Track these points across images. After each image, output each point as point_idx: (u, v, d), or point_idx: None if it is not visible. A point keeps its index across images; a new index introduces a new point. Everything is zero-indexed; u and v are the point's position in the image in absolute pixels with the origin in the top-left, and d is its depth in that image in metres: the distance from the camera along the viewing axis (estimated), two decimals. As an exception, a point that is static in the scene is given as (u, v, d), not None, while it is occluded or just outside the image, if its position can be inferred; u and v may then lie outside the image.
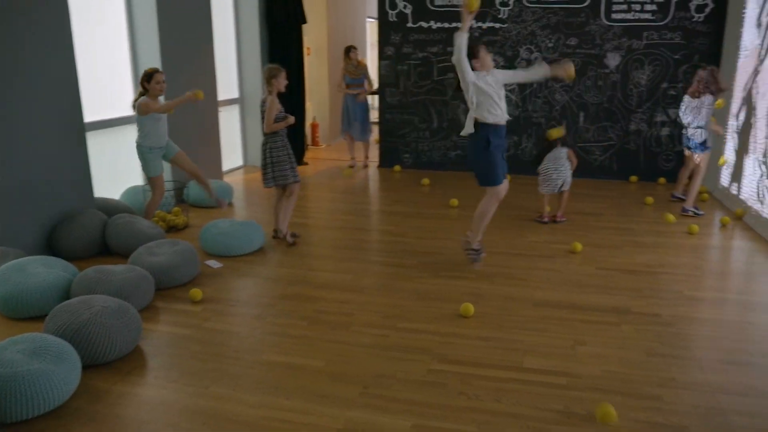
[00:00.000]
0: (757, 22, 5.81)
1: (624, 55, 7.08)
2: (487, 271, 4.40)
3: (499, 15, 7.34)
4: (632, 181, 7.31)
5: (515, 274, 4.34)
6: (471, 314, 3.59)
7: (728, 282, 4.39)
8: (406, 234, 5.31)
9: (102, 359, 2.97)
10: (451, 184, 7.17)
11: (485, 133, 4.17)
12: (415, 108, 7.90)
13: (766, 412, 2.61)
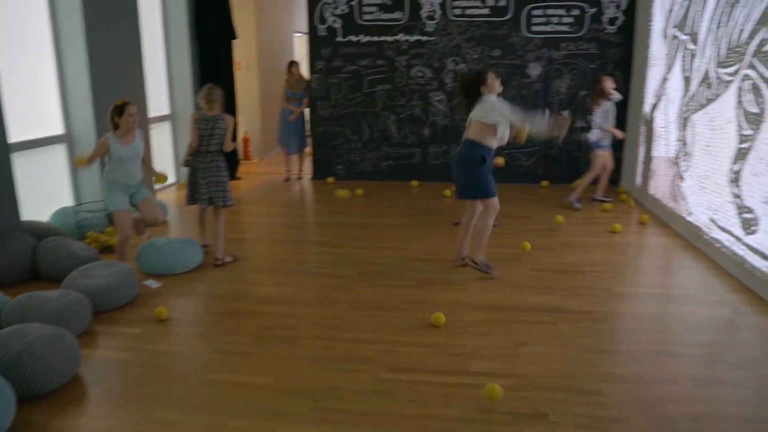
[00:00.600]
0: (663, 34, 6.17)
1: (545, 65, 7.36)
2: (426, 277, 4.44)
3: (425, 28, 7.46)
4: (543, 186, 7.56)
5: (454, 280, 4.39)
6: (442, 324, 3.58)
7: (651, 277, 4.61)
8: (344, 244, 5.29)
9: (39, 391, 2.79)
10: (384, 194, 7.20)
11: (482, 152, 4.26)
12: (347, 120, 7.90)
13: (698, 398, 2.76)
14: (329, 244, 5.33)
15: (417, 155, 7.84)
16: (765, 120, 4.04)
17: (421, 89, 7.63)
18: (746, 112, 4.32)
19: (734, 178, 4.45)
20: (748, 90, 4.29)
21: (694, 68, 5.32)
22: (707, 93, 5.01)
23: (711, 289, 4.17)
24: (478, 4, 7.30)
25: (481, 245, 4.43)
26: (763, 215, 4.02)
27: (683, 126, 5.52)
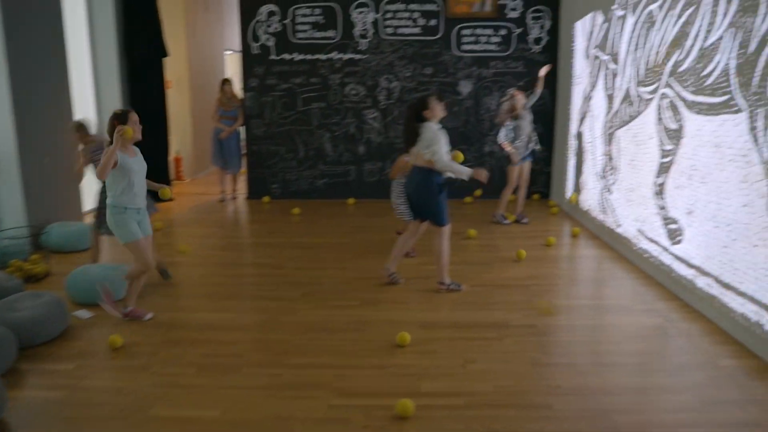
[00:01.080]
0: (586, 54, 6.44)
1: (475, 82, 7.52)
2: (369, 297, 4.39)
3: (358, 47, 7.48)
4: (469, 200, 7.70)
5: (397, 298, 4.37)
6: (407, 343, 3.53)
7: (586, 289, 4.75)
8: (284, 265, 5.17)
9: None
10: (321, 213, 7.13)
11: (439, 180, 4.26)
12: (282, 138, 7.79)
13: (642, 407, 2.83)
14: (269, 266, 5.19)
15: (352, 173, 7.81)
16: (684, 136, 4.26)
17: (356, 107, 7.62)
18: (666, 128, 4.54)
19: (658, 191, 4.67)
20: (667, 108, 4.52)
21: (616, 87, 5.56)
22: (629, 110, 5.25)
23: (642, 298, 4.33)
24: (409, 24, 7.39)
25: (445, 267, 4.44)
26: (687, 225, 4.22)
27: (609, 141, 5.76)
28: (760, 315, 3.38)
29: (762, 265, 3.36)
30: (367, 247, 5.65)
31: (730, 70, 3.65)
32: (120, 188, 3.71)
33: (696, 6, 4.08)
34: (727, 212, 3.71)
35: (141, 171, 3.83)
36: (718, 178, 3.81)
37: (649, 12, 4.84)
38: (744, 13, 3.54)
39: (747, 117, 3.49)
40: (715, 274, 3.86)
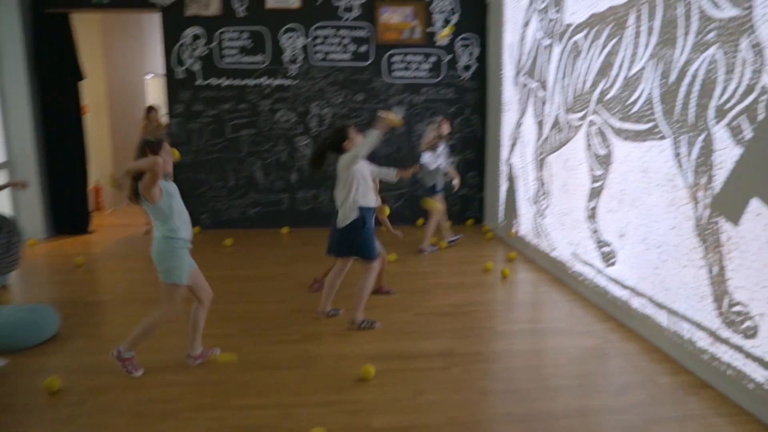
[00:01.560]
0: (515, 81, 6.70)
1: (407, 109, 7.65)
2: (311, 330, 4.32)
3: (288, 72, 7.46)
4: (418, 225, 7.82)
5: (340, 331, 4.32)
6: (372, 376, 3.47)
7: (526, 313, 4.87)
8: (220, 299, 4.99)
9: None
10: (254, 243, 6.99)
11: (362, 214, 4.17)
12: (210, 166, 7.61)
13: (590, 429, 2.91)
14: (202, 301, 5.01)
15: (285, 201, 7.73)
16: (613, 162, 4.49)
17: (287, 134, 7.57)
18: (595, 154, 4.78)
19: (591, 215, 4.88)
20: (596, 134, 4.76)
21: (546, 113, 5.81)
22: (559, 136, 5.49)
23: (580, 320, 4.49)
24: (339, 50, 7.46)
25: (361, 305, 4.36)
26: (620, 248, 4.43)
27: (540, 167, 5.98)
28: (692, 332, 3.57)
29: (691, 285, 3.56)
30: (305, 278, 5.58)
31: (654, 99, 3.89)
32: (173, 219, 3.49)
33: (619, 37, 4.34)
34: (657, 235, 3.92)
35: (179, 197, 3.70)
36: (647, 202, 4.03)
37: (575, 42, 5.10)
38: (663, 45, 3.79)
39: (671, 143, 3.73)
40: (648, 295, 4.05)
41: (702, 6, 3.41)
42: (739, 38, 3.12)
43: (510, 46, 6.84)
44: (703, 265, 3.45)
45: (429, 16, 7.51)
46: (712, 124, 3.33)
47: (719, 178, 3.29)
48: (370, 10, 7.41)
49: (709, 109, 3.35)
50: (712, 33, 3.33)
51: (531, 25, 6.14)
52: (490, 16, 7.54)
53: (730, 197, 3.21)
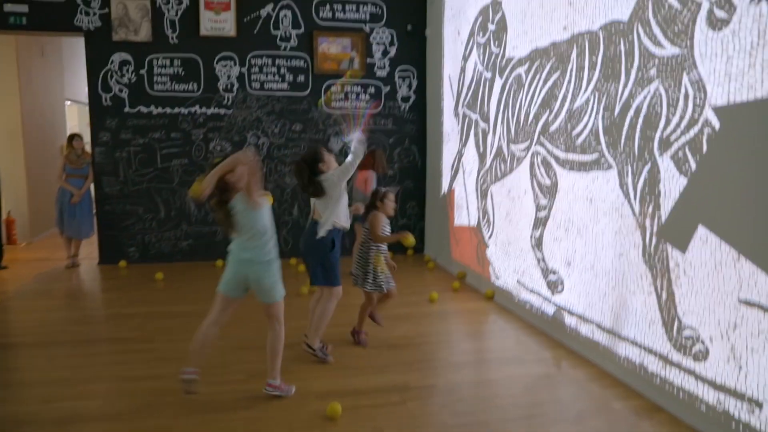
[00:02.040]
0: (455, 112, 6.85)
1: (344, 141, 7.65)
2: (256, 368, 4.12)
3: (223, 101, 7.32)
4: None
5: (289, 367, 4.16)
6: (339, 414, 3.34)
7: (476, 343, 4.89)
8: (155, 339, 4.75)
9: None
10: (188, 277, 6.72)
11: (332, 235, 4.12)
12: (139, 197, 7.30)
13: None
14: (136, 340, 4.73)
15: (220, 232, 7.49)
16: (558, 191, 4.64)
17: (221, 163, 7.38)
18: (540, 183, 4.92)
19: (536, 243, 5.00)
20: (540, 164, 4.91)
21: (488, 144, 5.95)
22: (503, 167, 5.63)
23: (529, 348, 4.55)
24: (277, 79, 7.40)
25: (319, 331, 4.28)
26: (567, 276, 4.55)
27: (483, 196, 6.10)
28: (643, 357, 3.68)
29: (641, 311, 3.69)
30: (246, 313, 5.33)
31: (599, 131, 4.06)
32: (268, 235, 3.48)
33: (561, 71, 4.53)
34: (605, 262, 4.05)
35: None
36: (594, 230, 4.17)
37: (517, 75, 5.28)
38: (606, 80, 3.98)
39: (617, 174, 3.89)
40: (597, 321, 4.17)
41: (643, 43, 3.62)
42: (681, 74, 3.31)
43: (449, 79, 7.01)
44: (652, 291, 3.58)
45: (368, 47, 7.61)
46: (657, 155, 3.50)
47: (666, 207, 3.45)
48: (309, 40, 7.42)
49: (653, 140, 3.53)
50: (653, 69, 3.53)
51: (471, 58, 6.32)
52: (429, 48, 7.72)
53: (677, 225, 3.37)
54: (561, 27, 4.55)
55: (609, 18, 3.96)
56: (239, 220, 3.37)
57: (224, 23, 7.16)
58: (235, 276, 3.47)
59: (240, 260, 3.44)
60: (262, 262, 3.43)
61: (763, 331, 2.82)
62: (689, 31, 3.25)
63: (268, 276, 3.46)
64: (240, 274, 3.45)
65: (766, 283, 2.80)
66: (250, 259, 3.41)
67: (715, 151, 3.09)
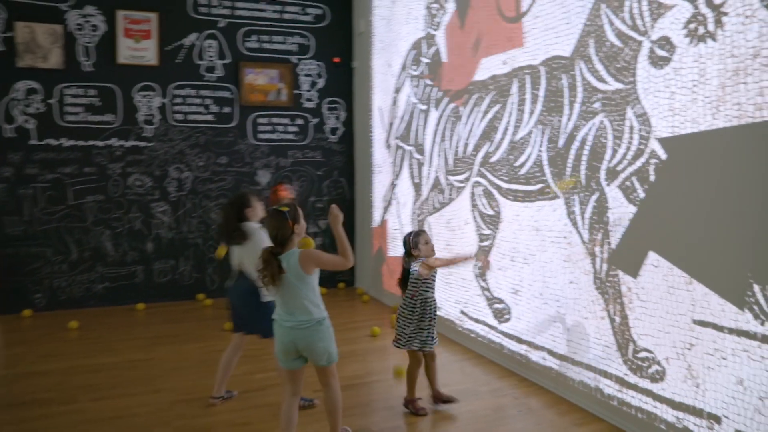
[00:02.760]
0: (386, 144, 6.95)
1: (273, 172, 7.55)
2: (200, 424, 3.90)
3: (143, 133, 7.03)
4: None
5: (236, 419, 3.99)
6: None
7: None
8: (77, 398, 4.33)
9: None
10: (106, 323, 6.29)
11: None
12: (47, 238, 6.81)
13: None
14: (55, 402, 4.24)
15: (140, 273, 7.12)
16: (502, 221, 4.79)
17: (141, 199, 7.06)
18: (482, 213, 5.06)
19: (480, 273, 5.11)
20: (481, 195, 5.06)
21: (423, 175, 6.07)
22: (440, 197, 5.75)
23: (480, 379, 4.61)
24: (201, 110, 7.22)
25: (224, 380, 4.19)
26: (514, 304, 4.68)
27: (419, 227, 6.18)
28: (598, 380, 3.83)
29: (593, 335, 3.85)
30: (180, 361, 5.11)
31: (543, 162, 4.25)
32: (318, 293, 3.25)
33: (502, 104, 4.72)
34: (554, 289, 4.21)
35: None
36: (542, 259, 4.33)
37: (454, 107, 5.44)
38: (549, 113, 4.19)
39: (564, 203, 4.08)
40: (548, 348, 4.30)
41: (586, 78, 3.85)
42: (625, 108, 3.55)
43: (380, 110, 7.12)
44: (605, 315, 3.75)
45: (295, 78, 7.59)
46: (605, 185, 3.71)
47: (615, 235, 3.65)
48: (234, 71, 7.31)
49: (600, 171, 3.74)
50: (597, 103, 3.76)
51: (404, 90, 6.46)
52: (356, 80, 7.82)
53: (627, 251, 3.57)
54: (500, 61, 4.76)
55: (550, 54, 4.19)
56: (288, 283, 3.11)
57: (145, 51, 6.92)
58: (284, 346, 3.19)
59: (285, 328, 3.17)
60: (310, 326, 3.15)
61: (719, 349, 3.02)
62: (632, 68, 3.50)
63: (320, 339, 3.17)
64: (288, 342, 3.17)
65: (718, 303, 3.01)
66: (296, 326, 3.14)
67: (663, 180, 3.32)
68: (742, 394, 2.92)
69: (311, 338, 3.13)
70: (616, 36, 3.60)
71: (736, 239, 2.93)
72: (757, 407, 2.85)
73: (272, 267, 3.04)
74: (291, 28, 7.60)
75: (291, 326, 3.12)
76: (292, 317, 3.12)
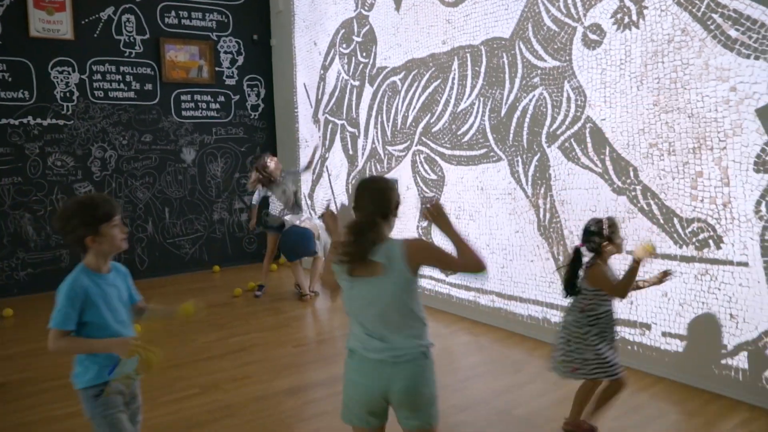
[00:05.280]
0: (314, 119, 7.44)
1: (198, 149, 7.77)
2: (208, 380, 4.33)
3: (62, 111, 6.97)
4: (215, 271, 7.89)
5: (239, 371, 4.43)
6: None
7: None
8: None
9: None
10: (34, 312, 6.21)
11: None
12: (-41, 224, 6.61)
13: (519, 401, 3.73)
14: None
15: (65, 258, 7.09)
16: (446, 183, 5.54)
17: (64, 180, 7.02)
18: (425, 178, 5.78)
19: (424, 233, 5.84)
20: (423, 162, 5.77)
21: (359, 147, 6.67)
22: (379, 167, 6.39)
23: (437, 325, 5.34)
24: (122, 87, 7.26)
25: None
26: (460, 257, 5.45)
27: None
28: (544, 312, 4.71)
29: (540, 275, 4.72)
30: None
31: (486, 129, 5.03)
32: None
33: (443, 79, 5.43)
34: (501, 239, 5.03)
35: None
36: (487, 214, 5.13)
37: (391, 82, 6.08)
38: (490, 87, 4.97)
39: (507, 164, 4.89)
40: (496, 291, 5.13)
41: (526, 57, 4.65)
42: (563, 82, 4.39)
43: (305, 87, 7.58)
44: (549, 257, 4.62)
45: (216, 55, 7.82)
46: (546, 147, 4.55)
47: (556, 188, 4.50)
48: (155, 47, 7.41)
49: (541, 135, 4.57)
50: (537, 78, 4.58)
51: (333, 67, 6.98)
52: (275, 58, 8.19)
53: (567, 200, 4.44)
54: (440, 41, 5.46)
55: (490, 35, 4.95)
56: (379, 286, 2.15)
57: (59, 25, 6.83)
58: (367, 395, 2.17)
59: (371, 363, 2.15)
60: (414, 359, 2.15)
61: (647, 272, 3.96)
62: (568, 48, 4.34)
63: (426, 381, 2.16)
64: (375, 389, 2.15)
65: (648, 232, 3.94)
66: (391, 359, 2.13)
67: (597, 140, 4.20)
68: (667, 303, 3.88)
69: (416, 379, 2.14)
70: (553, 22, 4.42)
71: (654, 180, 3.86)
72: (678, 312, 3.82)
73: (366, 242, 2.16)
74: (209, 4, 7.79)
75: (381, 359, 2.13)
76: (386, 344, 2.15)
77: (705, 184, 3.64)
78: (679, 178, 3.76)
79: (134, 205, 7.43)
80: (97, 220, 2.24)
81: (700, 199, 3.67)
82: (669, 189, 3.81)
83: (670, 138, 3.78)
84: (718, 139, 3.54)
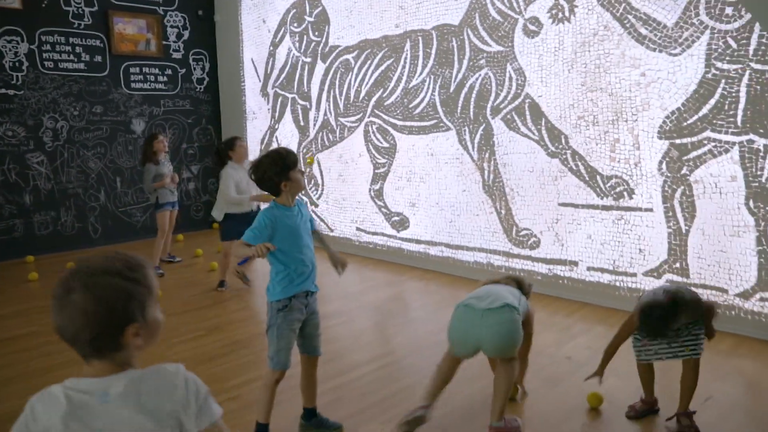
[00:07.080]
0: (262, 92, 8.00)
1: (147, 120, 8.11)
2: (221, 321, 4.93)
3: (12, 81, 7.11)
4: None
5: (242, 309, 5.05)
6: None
7: (340, 288, 6.32)
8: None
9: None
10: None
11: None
12: None
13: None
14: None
15: (20, 227, 7.28)
16: (398, 151, 6.35)
17: (15, 150, 7.18)
18: (377, 146, 6.56)
19: (376, 195, 6.64)
20: (375, 132, 6.54)
21: (310, 119, 7.33)
22: (331, 137, 7.09)
23: (381, 278, 6.12)
24: (72, 59, 7.46)
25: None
26: (412, 215, 6.31)
27: (305, 164, 7.46)
28: (489, 258, 5.66)
29: (484, 227, 5.66)
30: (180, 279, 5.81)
31: (437, 103, 5.88)
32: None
33: (395, 59, 6.21)
34: (449, 198, 5.92)
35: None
36: (437, 176, 6.00)
37: (344, 60, 6.78)
38: (440, 66, 5.81)
39: (455, 133, 5.77)
40: (444, 242, 6.03)
41: (473, 41, 5.52)
42: (506, 64, 5.30)
43: (253, 62, 8.09)
44: (493, 211, 5.57)
45: (163, 29, 8.14)
46: (490, 118, 5.46)
47: (500, 153, 5.44)
48: (104, 18, 7.63)
49: (486, 108, 5.48)
50: (483, 60, 5.46)
51: (284, 44, 7.56)
52: (220, 33, 8.61)
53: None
54: (393, 24, 6.22)
55: (440, 21, 5.78)
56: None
57: (6, -6, 6.95)
58: (465, 338, 3.00)
59: (480, 325, 2.93)
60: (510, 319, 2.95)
61: (575, 219, 4.98)
62: (510, 36, 5.25)
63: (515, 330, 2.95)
64: (472, 338, 2.97)
65: (576, 188, 4.95)
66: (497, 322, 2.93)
67: (534, 113, 5.16)
68: (591, 243, 4.93)
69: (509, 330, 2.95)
70: (497, 13, 5.31)
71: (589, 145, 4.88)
72: (599, 250, 4.88)
73: None
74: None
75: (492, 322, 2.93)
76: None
77: (621, 149, 4.68)
78: (601, 143, 4.78)
79: (86, 175, 7.69)
80: (287, 168, 2.85)
81: (617, 160, 4.71)
82: (593, 152, 4.83)
83: (594, 112, 4.79)
84: (631, 113, 4.58)
